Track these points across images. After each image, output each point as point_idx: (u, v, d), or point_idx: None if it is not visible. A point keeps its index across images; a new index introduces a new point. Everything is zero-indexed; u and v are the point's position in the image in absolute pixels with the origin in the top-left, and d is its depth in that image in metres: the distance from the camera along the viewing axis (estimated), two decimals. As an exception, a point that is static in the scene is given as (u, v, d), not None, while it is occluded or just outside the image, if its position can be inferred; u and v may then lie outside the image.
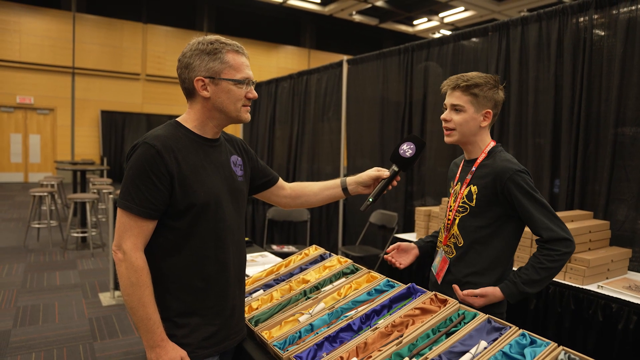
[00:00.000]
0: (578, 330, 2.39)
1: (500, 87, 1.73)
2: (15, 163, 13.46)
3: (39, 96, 13.33)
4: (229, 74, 1.34)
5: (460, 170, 1.83)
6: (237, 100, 1.36)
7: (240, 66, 1.36)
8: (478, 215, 1.70)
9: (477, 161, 1.74)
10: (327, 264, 1.93)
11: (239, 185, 1.48)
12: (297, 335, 1.45)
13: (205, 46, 1.33)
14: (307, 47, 17.34)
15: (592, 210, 2.90)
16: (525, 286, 1.60)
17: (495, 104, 1.71)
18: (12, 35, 12.78)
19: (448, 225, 1.80)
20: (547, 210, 1.62)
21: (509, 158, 1.69)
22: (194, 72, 1.33)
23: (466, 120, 1.70)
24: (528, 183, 1.62)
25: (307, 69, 6.17)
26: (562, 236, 1.60)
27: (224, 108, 1.36)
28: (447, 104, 1.75)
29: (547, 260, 1.59)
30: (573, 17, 3.04)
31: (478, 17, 13.84)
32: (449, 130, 1.75)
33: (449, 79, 1.74)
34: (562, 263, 1.60)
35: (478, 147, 1.75)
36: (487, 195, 1.68)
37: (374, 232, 4.90)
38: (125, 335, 3.57)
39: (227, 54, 1.34)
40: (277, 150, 6.80)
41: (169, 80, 14.93)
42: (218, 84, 1.34)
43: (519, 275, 1.62)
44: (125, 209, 1.27)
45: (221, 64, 1.33)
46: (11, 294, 4.39)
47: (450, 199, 1.83)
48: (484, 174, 1.70)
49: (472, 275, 1.71)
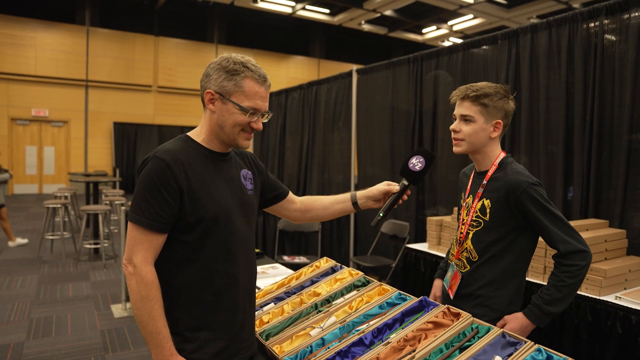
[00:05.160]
0: (596, 343, 2.34)
1: (511, 97, 1.71)
2: (30, 175, 13.66)
3: (54, 109, 13.55)
4: (238, 99, 1.33)
5: (471, 182, 1.80)
6: (236, 125, 1.35)
7: (254, 95, 1.34)
8: (492, 229, 1.67)
9: (488, 174, 1.71)
10: (338, 276, 1.92)
11: (249, 199, 1.47)
12: (308, 350, 1.43)
13: (228, 63, 1.33)
14: (317, 57, 17.42)
15: (608, 218, 2.85)
16: (550, 307, 1.57)
17: (505, 114, 1.69)
18: (27, 50, 13.04)
19: (461, 239, 1.76)
20: (562, 222, 1.59)
21: (520, 170, 1.66)
22: (209, 83, 1.35)
23: (476, 131, 1.67)
24: (542, 195, 1.59)
25: (316, 79, 6.19)
26: (579, 248, 1.57)
27: (224, 127, 1.36)
28: (457, 114, 1.72)
29: (567, 277, 1.56)
30: (583, 23, 3.01)
31: (487, 24, 13.80)
32: (458, 140, 1.72)
33: (458, 89, 1.72)
34: (582, 277, 1.58)
35: (488, 158, 1.73)
36: (501, 210, 1.65)
37: (386, 242, 4.87)
38: (136, 348, 3.57)
39: (245, 79, 1.33)
40: (288, 160, 6.81)
41: (180, 91, 15.09)
42: (225, 103, 1.34)
43: (541, 296, 1.59)
44: (136, 223, 1.27)
45: (235, 86, 1.33)
46: (25, 306, 4.43)
47: (462, 211, 1.80)
48: (497, 187, 1.67)
49: (484, 287, 1.68)
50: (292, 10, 13.72)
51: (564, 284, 1.56)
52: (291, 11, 13.76)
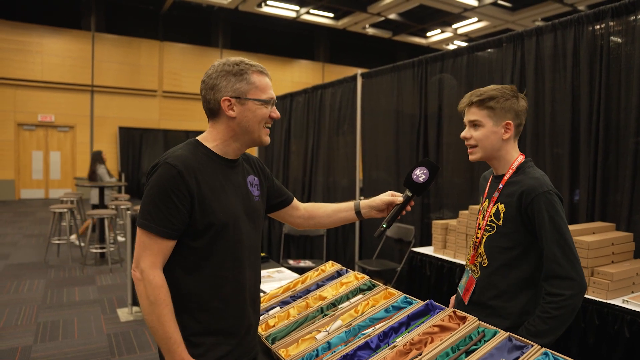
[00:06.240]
0: (603, 347, 2.32)
1: (521, 95, 1.68)
2: (36, 180, 13.75)
3: (60, 114, 13.64)
4: (255, 94, 1.36)
5: (489, 186, 1.76)
6: (261, 120, 1.39)
7: (266, 87, 1.39)
8: (504, 235, 1.62)
9: (505, 178, 1.66)
10: (343, 280, 1.92)
11: (256, 205, 1.48)
12: (314, 354, 1.43)
13: (231, 67, 1.35)
14: (321, 61, 17.46)
15: (614, 221, 2.83)
16: (536, 339, 1.41)
17: (516, 114, 1.65)
18: (34, 56, 13.15)
19: (476, 244, 1.73)
20: (564, 242, 1.50)
21: (538, 176, 1.59)
22: (220, 92, 1.35)
23: (486, 134, 1.65)
24: (554, 206, 1.52)
25: (321, 82, 6.20)
26: (569, 275, 1.48)
27: (248, 128, 1.38)
28: (466, 121, 1.71)
29: (552, 309, 1.48)
30: (589, 25, 3.00)
31: (492, 27, 13.78)
32: (472, 148, 1.70)
33: (465, 97, 1.70)
34: (570, 309, 1.48)
35: (505, 161, 1.68)
36: (514, 215, 1.60)
37: (391, 246, 4.86)
38: (142, 351, 3.58)
39: (252, 75, 1.36)
40: (293, 164, 6.82)
41: (185, 96, 15.15)
42: (244, 103, 1.36)
43: (527, 328, 1.52)
44: (145, 229, 1.27)
45: (248, 85, 1.35)
46: (32, 310, 4.45)
47: (479, 215, 1.77)
48: (511, 192, 1.62)
49: (496, 298, 1.64)
50: (297, 15, 13.76)
51: (548, 315, 1.48)
52: (295, 15, 13.80)
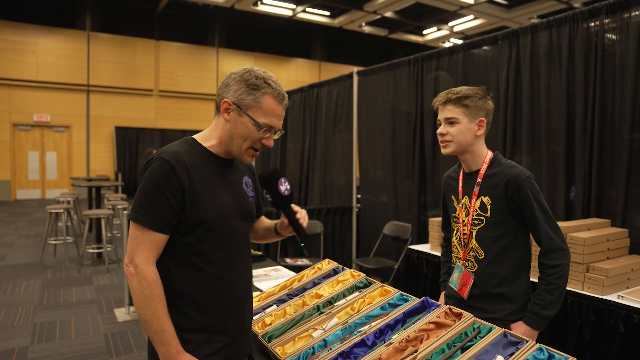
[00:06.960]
0: (599, 342, 2.34)
1: (489, 97, 1.78)
2: (32, 180, 13.68)
3: (55, 114, 13.58)
4: (254, 114, 1.33)
5: (462, 183, 1.84)
6: (247, 139, 1.35)
7: (271, 113, 1.34)
8: (494, 225, 1.72)
9: (481, 172, 1.76)
10: (340, 278, 1.92)
11: (250, 205, 1.49)
12: (310, 352, 1.43)
13: (250, 77, 1.33)
14: (318, 59, 17.43)
15: (610, 218, 2.84)
16: (546, 311, 1.64)
17: (487, 112, 1.76)
18: (29, 55, 13.08)
19: (465, 240, 1.80)
20: (550, 219, 1.67)
21: (514, 164, 1.74)
22: (227, 93, 1.35)
23: (461, 130, 1.74)
24: (537, 189, 1.68)
25: (317, 81, 6.20)
26: (561, 246, 1.65)
27: (234, 138, 1.36)
28: (441, 119, 1.79)
29: (555, 279, 1.64)
30: (584, 22, 3.01)
31: (488, 25, 13.80)
32: (445, 142, 1.78)
33: (439, 95, 1.79)
34: (567, 275, 1.66)
35: (477, 156, 1.78)
36: (501, 204, 1.71)
37: (388, 244, 4.87)
38: (140, 351, 3.57)
39: (264, 96, 1.33)
40: (290, 163, 6.82)
41: (181, 95, 15.11)
42: (241, 115, 1.34)
43: (536, 303, 1.66)
44: (137, 222, 1.28)
45: (253, 101, 1.33)
46: (28, 311, 4.43)
47: (460, 213, 1.83)
48: (495, 183, 1.73)
49: (500, 285, 1.73)
50: (293, 13, 13.74)
51: (553, 286, 1.64)
52: (291, 14, 13.78)
